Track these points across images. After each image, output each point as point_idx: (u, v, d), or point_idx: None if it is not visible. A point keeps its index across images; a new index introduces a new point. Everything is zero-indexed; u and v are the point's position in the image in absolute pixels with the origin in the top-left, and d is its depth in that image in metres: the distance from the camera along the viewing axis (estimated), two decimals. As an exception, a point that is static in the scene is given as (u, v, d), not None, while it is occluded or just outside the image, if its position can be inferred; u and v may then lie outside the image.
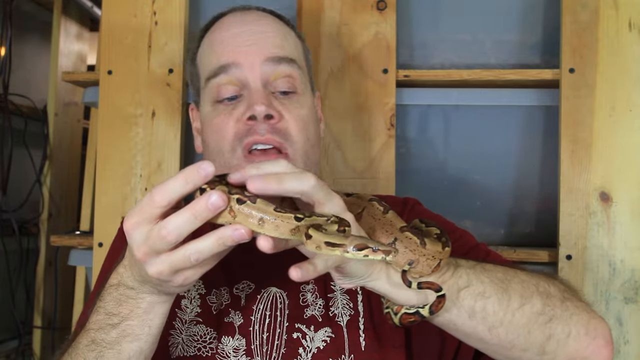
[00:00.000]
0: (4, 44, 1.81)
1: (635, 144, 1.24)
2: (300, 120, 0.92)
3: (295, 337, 0.84)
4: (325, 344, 0.84)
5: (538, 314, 0.73)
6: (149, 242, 0.61)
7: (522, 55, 1.36)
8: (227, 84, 0.93)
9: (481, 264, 0.75)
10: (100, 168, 1.37)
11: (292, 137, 0.91)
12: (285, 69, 0.93)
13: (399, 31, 1.35)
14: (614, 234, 1.23)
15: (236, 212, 0.59)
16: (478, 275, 0.73)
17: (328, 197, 0.64)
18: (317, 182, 0.62)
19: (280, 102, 0.92)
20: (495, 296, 0.72)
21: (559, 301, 0.75)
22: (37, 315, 1.87)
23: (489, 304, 0.71)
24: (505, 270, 0.76)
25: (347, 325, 0.85)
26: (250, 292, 0.88)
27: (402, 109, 1.36)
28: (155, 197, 0.60)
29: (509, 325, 0.72)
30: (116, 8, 1.40)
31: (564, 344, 0.74)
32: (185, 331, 0.86)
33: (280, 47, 0.95)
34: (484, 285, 0.72)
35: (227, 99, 0.93)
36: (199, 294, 0.89)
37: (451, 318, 0.72)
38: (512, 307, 0.72)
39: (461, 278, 0.72)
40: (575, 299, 0.77)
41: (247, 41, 0.94)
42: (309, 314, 0.86)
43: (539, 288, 0.75)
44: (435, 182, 1.38)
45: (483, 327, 0.72)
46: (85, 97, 1.46)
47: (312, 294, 0.88)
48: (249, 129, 0.90)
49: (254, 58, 0.92)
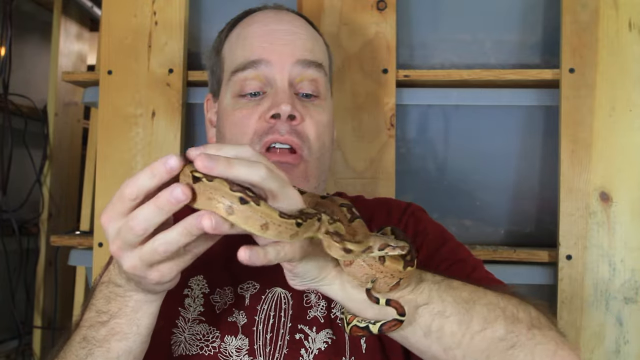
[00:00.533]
0: (4, 44, 1.81)
1: (635, 144, 1.24)
2: (320, 125, 0.94)
3: (298, 338, 0.84)
4: (327, 345, 0.84)
5: (500, 339, 0.70)
6: (121, 235, 0.60)
7: (522, 55, 1.36)
8: (253, 79, 0.93)
9: (448, 281, 0.72)
10: (100, 168, 1.37)
11: (310, 140, 0.92)
12: (312, 73, 0.94)
13: (399, 31, 1.35)
14: (614, 234, 1.23)
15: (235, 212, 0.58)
16: (441, 294, 0.70)
17: (282, 190, 0.61)
18: (268, 174, 0.59)
19: (303, 104, 0.93)
20: (456, 316, 0.69)
21: (526, 328, 0.71)
22: (37, 315, 1.87)
23: (447, 324, 0.69)
24: (473, 290, 0.72)
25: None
26: (255, 292, 0.88)
27: (402, 109, 1.36)
28: (125, 190, 0.59)
29: (466, 349, 0.69)
30: (116, 8, 1.40)
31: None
32: (188, 330, 0.86)
33: (310, 51, 0.95)
34: (444, 304, 0.69)
35: (250, 94, 0.94)
36: (202, 293, 0.89)
37: (405, 334, 0.70)
38: (472, 329, 0.69)
39: (422, 294, 0.69)
40: (545, 327, 0.73)
41: (281, 40, 0.94)
42: (311, 315, 0.86)
43: (506, 312, 0.71)
44: (435, 182, 1.38)
45: (438, 346, 0.70)
46: (85, 97, 1.46)
47: (316, 294, 0.88)
48: (270, 127, 0.90)
49: (285, 59, 0.93)
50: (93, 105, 1.50)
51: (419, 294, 0.69)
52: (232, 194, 0.57)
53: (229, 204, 0.57)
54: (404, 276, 0.66)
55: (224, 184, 0.58)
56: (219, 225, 0.57)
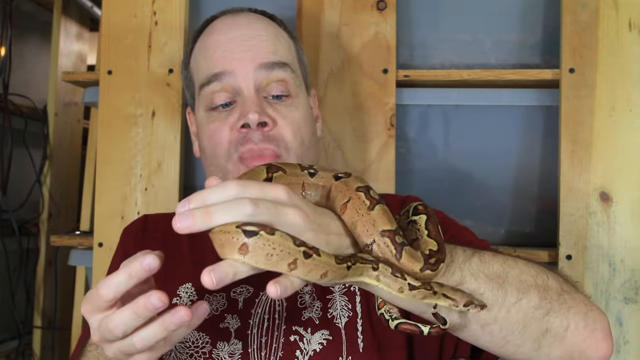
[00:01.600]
0: (4, 44, 1.81)
1: (635, 144, 1.24)
2: (295, 124, 0.93)
3: (293, 340, 0.84)
4: (322, 346, 0.83)
5: (535, 308, 0.70)
6: (101, 331, 0.62)
7: (522, 55, 1.36)
8: (220, 91, 0.94)
9: (479, 255, 0.71)
10: (100, 168, 1.37)
11: (287, 142, 0.92)
12: (278, 74, 0.94)
13: (399, 31, 1.35)
14: (614, 234, 1.23)
15: (298, 265, 0.56)
16: (473, 271, 0.69)
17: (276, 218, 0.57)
18: (254, 210, 0.55)
19: (273, 107, 0.93)
20: (490, 292, 0.69)
21: (557, 294, 0.72)
22: (37, 315, 1.88)
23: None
24: (504, 262, 0.72)
25: (346, 327, 0.85)
26: (248, 296, 0.88)
27: (402, 109, 1.36)
28: (101, 291, 0.60)
29: (503, 322, 0.69)
30: (116, 8, 1.40)
31: (562, 337, 0.71)
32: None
33: (272, 52, 0.95)
34: (477, 281, 0.69)
35: (222, 105, 0.94)
36: (190, 301, 0.88)
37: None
38: (508, 303, 0.69)
39: (454, 275, 0.68)
40: (573, 291, 0.74)
41: (240, 47, 0.94)
42: (306, 316, 0.86)
43: (537, 280, 0.72)
44: (435, 182, 1.38)
45: (475, 324, 0.69)
46: (85, 97, 1.46)
47: (310, 295, 0.87)
48: (243, 137, 0.91)
49: (247, 66, 0.93)
50: (93, 105, 1.50)
51: (450, 276, 0.68)
52: (297, 248, 0.56)
53: (294, 258, 0.55)
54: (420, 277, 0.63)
55: (288, 238, 0.56)
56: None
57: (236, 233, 0.55)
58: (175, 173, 1.35)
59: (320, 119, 1.07)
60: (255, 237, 0.55)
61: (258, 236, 0.55)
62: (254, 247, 0.55)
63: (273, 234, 0.55)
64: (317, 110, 1.07)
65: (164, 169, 1.35)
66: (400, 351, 0.85)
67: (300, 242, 0.56)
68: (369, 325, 0.85)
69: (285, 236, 0.55)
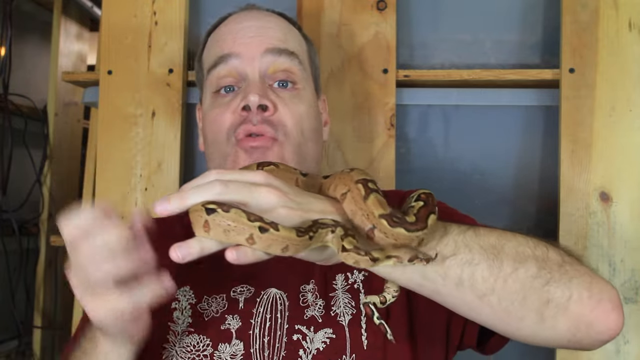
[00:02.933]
0: (4, 44, 1.81)
1: (635, 144, 1.24)
2: (296, 113, 0.93)
3: (295, 339, 0.83)
4: (325, 345, 0.83)
5: (533, 277, 0.68)
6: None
7: (522, 55, 1.36)
8: (225, 75, 0.94)
9: (474, 229, 0.71)
10: (100, 168, 1.37)
11: (287, 128, 0.92)
12: (285, 62, 0.94)
13: (399, 31, 1.35)
14: (614, 234, 1.23)
15: (256, 241, 0.60)
16: (467, 242, 0.69)
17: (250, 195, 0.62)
18: (223, 189, 0.61)
19: (277, 94, 0.93)
20: (485, 263, 0.68)
21: (557, 265, 0.70)
22: (37, 315, 1.87)
23: (477, 271, 0.68)
24: (500, 235, 0.72)
25: (349, 325, 0.84)
26: (249, 296, 0.87)
27: (402, 109, 1.36)
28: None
29: (501, 292, 0.68)
30: (116, 8, 1.40)
31: (565, 308, 0.69)
32: (178, 343, 0.85)
33: (281, 40, 0.95)
34: (472, 252, 0.68)
35: (225, 89, 0.94)
36: (189, 304, 0.88)
37: (437, 288, 0.69)
38: (504, 272, 0.68)
39: (447, 246, 0.68)
40: (576, 263, 0.72)
41: (249, 33, 0.95)
42: (309, 315, 0.85)
43: (536, 252, 0.70)
44: (435, 182, 1.37)
45: (472, 296, 0.68)
46: (85, 97, 1.46)
47: (312, 294, 0.87)
48: (243, 119, 0.91)
49: (254, 50, 0.93)
50: (93, 105, 1.50)
51: (444, 247, 0.68)
52: (251, 223, 0.59)
53: (250, 233, 0.59)
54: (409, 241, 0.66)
55: (242, 214, 0.59)
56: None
57: (201, 211, 0.60)
58: (175, 173, 1.35)
59: (329, 125, 1.07)
60: (213, 214, 0.59)
61: (215, 213, 0.59)
62: (213, 224, 0.60)
63: (228, 212, 0.59)
64: (326, 115, 1.07)
65: (164, 169, 1.35)
66: (404, 346, 0.84)
67: (256, 218, 0.60)
68: (373, 323, 0.85)
69: (240, 212, 0.59)
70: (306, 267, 0.85)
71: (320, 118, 1.02)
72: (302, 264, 0.85)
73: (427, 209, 0.67)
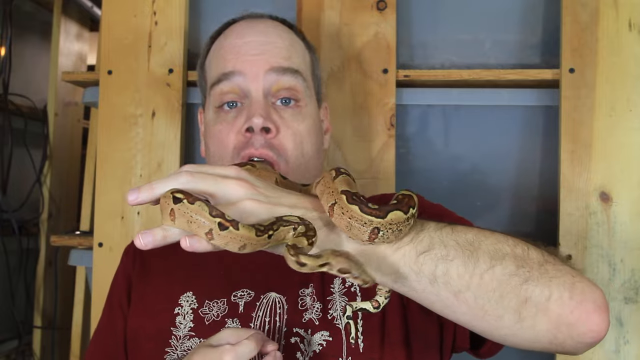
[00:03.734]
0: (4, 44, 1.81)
1: (635, 144, 1.24)
2: (297, 135, 0.94)
3: (293, 342, 0.84)
4: (322, 347, 0.83)
5: (510, 275, 0.67)
6: None
7: (522, 55, 1.36)
8: (229, 92, 0.95)
9: (451, 226, 0.70)
10: (100, 168, 1.37)
11: (287, 152, 0.93)
12: (288, 80, 0.94)
13: (399, 31, 1.35)
14: (614, 234, 1.23)
15: (215, 237, 0.60)
16: (443, 238, 0.68)
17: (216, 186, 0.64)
18: (189, 179, 0.63)
19: (279, 114, 0.93)
20: (461, 258, 0.67)
21: (537, 264, 0.68)
22: (37, 315, 1.87)
23: (452, 267, 0.67)
24: (478, 232, 0.70)
25: (346, 328, 0.85)
26: (249, 300, 0.88)
27: (402, 109, 1.36)
28: None
29: (477, 290, 0.67)
30: (116, 8, 1.40)
31: (544, 308, 0.67)
32: (180, 347, 0.86)
33: (285, 58, 0.95)
34: (447, 248, 0.67)
35: (228, 104, 0.95)
36: (191, 309, 0.89)
37: (411, 285, 0.68)
38: (480, 269, 0.67)
39: (422, 242, 0.67)
40: (558, 263, 0.70)
41: (254, 50, 0.95)
42: (307, 318, 0.86)
43: (515, 250, 0.69)
44: (435, 182, 1.37)
45: (447, 292, 0.67)
46: (85, 97, 1.46)
47: (311, 297, 0.87)
48: (246, 141, 0.92)
49: (258, 68, 0.93)
50: (93, 105, 1.50)
51: (418, 243, 0.68)
52: (212, 219, 0.60)
53: (209, 228, 0.60)
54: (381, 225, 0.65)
55: (204, 208, 0.60)
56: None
57: (169, 198, 0.61)
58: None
59: (329, 132, 1.07)
60: (179, 203, 0.61)
61: (181, 203, 0.60)
62: (178, 213, 0.61)
63: (193, 203, 0.60)
64: (327, 123, 1.07)
65: (164, 169, 1.35)
66: (399, 350, 0.84)
67: (218, 214, 0.60)
68: (369, 325, 0.85)
69: (203, 206, 0.60)
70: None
71: (321, 130, 1.03)
72: None
73: (397, 206, 0.67)
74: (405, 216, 0.66)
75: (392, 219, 0.65)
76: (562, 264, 0.71)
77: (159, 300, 0.91)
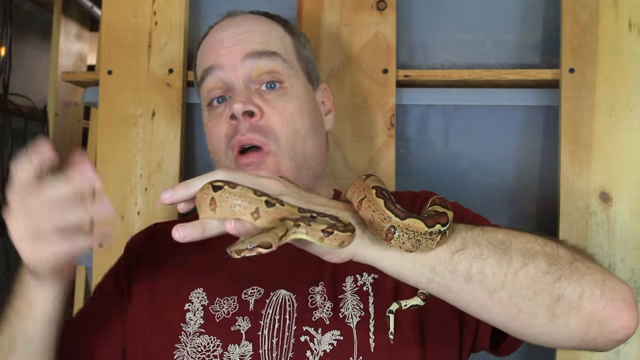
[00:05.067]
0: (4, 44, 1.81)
1: (635, 144, 1.24)
2: (285, 114, 0.93)
3: (303, 340, 0.84)
4: (332, 346, 0.83)
5: (544, 272, 0.68)
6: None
7: (522, 55, 1.36)
8: (213, 87, 0.96)
9: (481, 227, 0.71)
10: (100, 168, 1.37)
11: (276, 132, 0.92)
12: (267, 63, 0.94)
13: (399, 31, 1.35)
14: (614, 234, 1.23)
15: (260, 214, 0.61)
16: (475, 238, 0.69)
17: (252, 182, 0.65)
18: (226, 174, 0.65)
19: (263, 97, 0.93)
20: (494, 257, 0.67)
21: (568, 262, 0.69)
22: (37, 315, 1.87)
23: (486, 266, 0.67)
24: (508, 232, 0.71)
25: (357, 327, 0.84)
26: (259, 297, 0.88)
27: (402, 109, 1.36)
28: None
29: (511, 288, 0.67)
30: (116, 8, 1.40)
31: (577, 305, 0.68)
32: (189, 343, 0.86)
33: (260, 43, 0.96)
34: (480, 247, 0.68)
35: (217, 100, 0.96)
36: (202, 305, 0.89)
37: (446, 284, 0.68)
38: (514, 267, 0.67)
39: (455, 242, 0.68)
40: (588, 261, 0.71)
41: (229, 42, 0.96)
42: (317, 317, 0.85)
43: (546, 248, 0.70)
44: (435, 182, 1.37)
45: (482, 292, 0.67)
46: (85, 97, 1.46)
47: (321, 296, 0.87)
48: (233, 128, 0.92)
49: (234, 58, 0.94)
50: (93, 105, 1.50)
51: (451, 242, 0.68)
52: (258, 198, 0.61)
53: (256, 207, 0.61)
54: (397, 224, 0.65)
55: (248, 190, 0.62)
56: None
57: (207, 189, 0.63)
58: (175, 173, 1.35)
59: (332, 112, 1.07)
60: (220, 190, 0.62)
61: (222, 190, 0.62)
62: (220, 200, 0.61)
63: (235, 187, 0.62)
64: (330, 103, 1.07)
65: (164, 169, 1.35)
66: (413, 349, 0.84)
67: (262, 193, 0.62)
68: (381, 325, 0.84)
69: (246, 189, 0.62)
70: (316, 269, 0.86)
71: (318, 110, 1.02)
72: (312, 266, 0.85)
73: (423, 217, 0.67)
74: (426, 229, 0.66)
75: (410, 225, 0.65)
76: (591, 261, 0.72)
77: (169, 296, 0.91)
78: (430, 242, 0.66)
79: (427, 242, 0.66)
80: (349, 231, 0.62)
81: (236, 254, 0.59)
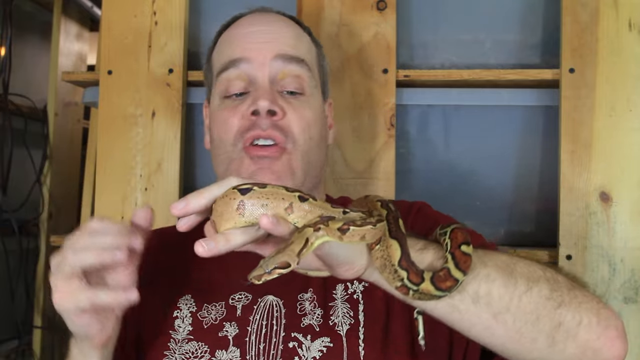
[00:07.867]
0: (4, 44, 1.81)
1: (635, 144, 1.24)
2: (304, 119, 0.93)
3: (292, 347, 0.83)
4: (322, 353, 0.82)
5: (546, 298, 0.68)
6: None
7: (522, 55, 1.36)
8: (235, 79, 0.94)
9: (484, 250, 0.72)
10: (100, 168, 1.37)
11: (294, 134, 0.92)
12: (294, 69, 0.94)
13: (399, 31, 1.35)
14: (614, 234, 1.23)
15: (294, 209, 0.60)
16: (482, 259, 0.69)
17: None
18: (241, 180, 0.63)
19: (285, 100, 0.93)
20: (501, 279, 0.68)
21: (567, 289, 0.70)
22: (37, 315, 1.87)
23: (494, 288, 0.67)
24: (509, 256, 0.72)
25: (347, 335, 0.84)
26: (247, 303, 0.88)
27: (402, 109, 1.36)
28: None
29: (516, 311, 0.68)
30: (116, 8, 1.40)
31: (575, 333, 0.69)
32: (178, 350, 0.85)
33: (292, 47, 0.95)
34: (487, 268, 0.68)
35: (235, 94, 0.94)
36: (190, 312, 0.88)
37: (454, 303, 0.68)
38: (519, 290, 0.68)
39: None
40: (583, 289, 0.73)
41: (261, 38, 0.95)
42: (306, 323, 0.85)
43: (546, 274, 0.71)
44: (435, 182, 1.38)
45: (488, 314, 0.68)
46: (85, 97, 1.46)
47: (311, 302, 0.87)
48: (252, 123, 0.91)
49: (265, 55, 0.93)
50: (93, 105, 1.50)
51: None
52: (291, 193, 0.61)
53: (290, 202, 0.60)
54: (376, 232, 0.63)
55: (279, 187, 0.61)
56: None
57: (233, 194, 0.60)
58: (175, 173, 1.35)
59: (333, 128, 1.07)
60: (249, 192, 0.60)
61: (252, 191, 0.60)
62: (249, 203, 0.60)
63: (264, 187, 0.60)
64: (331, 119, 1.07)
65: (164, 169, 1.35)
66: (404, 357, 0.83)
67: (294, 189, 0.61)
68: (371, 333, 0.84)
69: (277, 186, 0.61)
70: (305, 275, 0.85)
71: (325, 123, 1.02)
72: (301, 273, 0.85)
73: (446, 283, 0.66)
74: (436, 292, 0.66)
75: (423, 289, 0.66)
76: (586, 290, 0.74)
77: (158, 303, 0.91)
78: (436, 299, 0.67)
79: (435, 298, 0.67)
80: (369, 224, 0.61)
81: (256, 280, 0.58)
